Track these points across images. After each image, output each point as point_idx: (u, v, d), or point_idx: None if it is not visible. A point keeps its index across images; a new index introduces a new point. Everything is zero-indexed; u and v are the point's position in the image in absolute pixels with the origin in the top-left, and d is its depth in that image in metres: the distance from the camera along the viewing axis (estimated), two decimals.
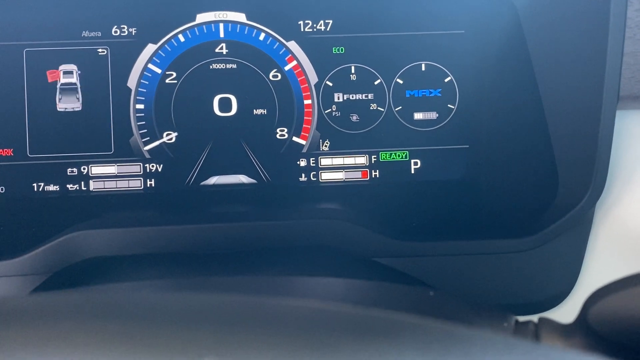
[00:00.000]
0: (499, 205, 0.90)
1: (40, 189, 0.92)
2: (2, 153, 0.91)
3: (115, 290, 0.69)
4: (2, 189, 0.92)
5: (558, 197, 0.83)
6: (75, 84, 0.92)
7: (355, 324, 0.37)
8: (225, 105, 0.94)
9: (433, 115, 0.96)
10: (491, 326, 0.46)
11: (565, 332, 0.45)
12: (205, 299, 0.41)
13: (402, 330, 0.38)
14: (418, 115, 0.96)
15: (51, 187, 0.92)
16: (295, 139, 0.95)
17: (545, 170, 0.86)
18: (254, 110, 0.95)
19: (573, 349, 0.41)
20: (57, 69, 0.92)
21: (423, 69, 0.96)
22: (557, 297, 0.84)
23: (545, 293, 0.84)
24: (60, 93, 0.92)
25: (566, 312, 0.85)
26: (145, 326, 0.32)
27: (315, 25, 0.95)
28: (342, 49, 0.95)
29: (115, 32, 0.93)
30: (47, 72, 0.92)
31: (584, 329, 0.43)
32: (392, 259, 0.79)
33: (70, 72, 0.92)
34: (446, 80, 0.96)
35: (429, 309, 0.49)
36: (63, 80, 0.92)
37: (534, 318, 0.49)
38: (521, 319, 0.50)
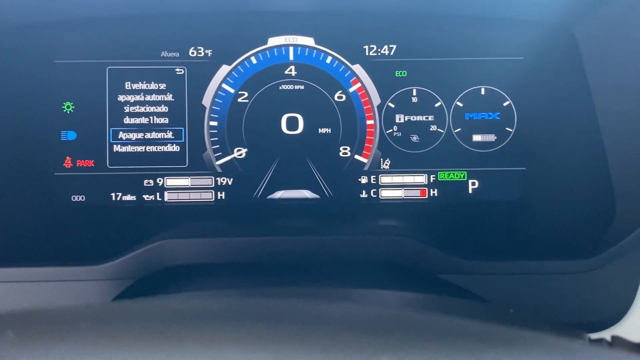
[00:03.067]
0: (556, 227, 0.92)
1: (118, 199, 0.98)
2: (84, 164, 0.98)
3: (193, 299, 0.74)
4: (82, 198, 0.98)
5: (615, 221, 0.86)
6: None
7: (438, 331, 0.41)
8: (292, 123, 0.99)
9: (491, 137, 1.00)
10: (567, 341, 0.49)
11: (638, 349, 0.48)
12: (275, 307, 0.45)
13: (485, 338, 0.42)
14: (477, 137, 1.00)
15: (128, 197, 0.98)
16: (357, 157, 1.00)
17: (603, 194, 0.89)
18: (319, 129, 1.00)
19: None
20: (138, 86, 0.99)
21: (482, 92, 1.00)
22: (612, 319, 0.86)
23: (600, 314, 0.86)
24: None
25: (621, 334, 0.87)
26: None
27: (379, 50, 1.00)
28: (404, 73, 1.00)
29: (192, 53, 0.99)
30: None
31: None
32: (454, 276, 0.82)
33: None
34: (505, 104, 1.00)
35: (505, 323, 0.53)
36: None
37: (607, 336, 0.52)
38: (593, 336, 0.53)
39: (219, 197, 0.99)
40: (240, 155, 0.99)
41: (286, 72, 1.00)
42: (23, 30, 0.94)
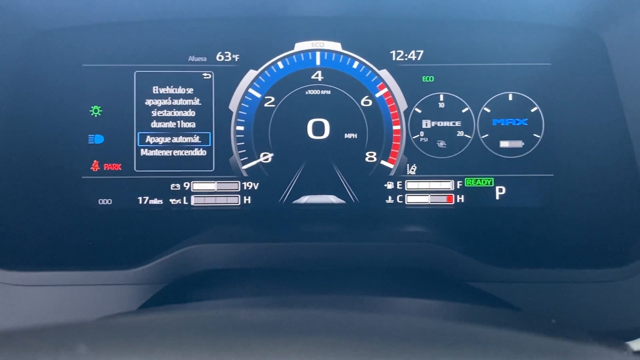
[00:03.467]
0: (585, 234, 0.91)
1: (145, 202, 0.98)
2: (111, 168, 0.98)
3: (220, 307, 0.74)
4: (109, 201, 0.98)
5: None
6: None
7: (473, 341, 0.41)
8: (318, 128, 0.99)
9: (519, 143, 0.99)
10: (611, 352, 0.49)
11: None
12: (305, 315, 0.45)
13: (526, 348, 0.41)
14: (504, 144, 0.99)
15: (155, 201, 0.98)
16: (383, 162, 1.00)
17: (632, 201, 0.88)
18: (345, 134, 0.99)
19: None
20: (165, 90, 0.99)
21: (510, 98, 0.99)
22: None
23: (631, 322, 0.85)
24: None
25: None
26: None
27: (406, 55, 0.99)
28: (431, 78, 0.99)
29: (220, 57, 0.99)
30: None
31: None
32: (482, 284, 0.82)
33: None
34: (532, 110, 0.99)
35: (548, 333, 0.52)
36: None
37: None
38: (635, 346, 0.53)
39: (245, 202, 0.99)
40: (267, 160, 0.99)
41: (313, 77, 0.99)
42: (52, 34, 0.95)
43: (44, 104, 0.95)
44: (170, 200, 0.99)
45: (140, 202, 0.99)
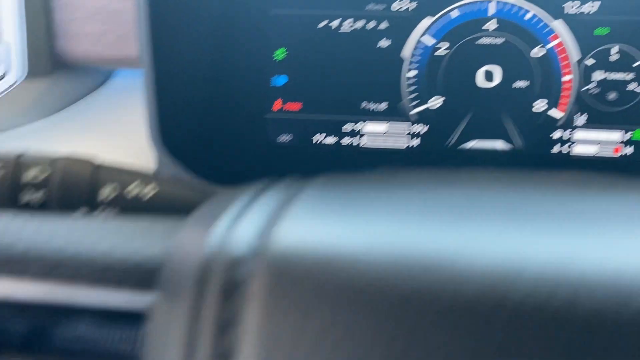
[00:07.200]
0: None
1: (318, 142, 1.06)
2: (292, 107, 1.06)
3: None
4: (288, 138, 1.07)
5: None
6: None
7: None
8: (488, 76, 1.02)
9: None
10: None
11: None
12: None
13: None
14: None
15: (329, 140, 1.06)
16: (551, 112, 1.02)
17: None
18: (515, 83, 1.02)
19: None
20: None
21: None
22: None
23: None
24: None
25: None
26: None
27: (582, 6, 1.00)
28: (606, 30, 1.00)
29: (395, 6, 1.04)
30: None
31: None
32: None
33: None
34: None
35: None
36: None
37: None
38: None
39: (412, 145, 1.05)
40: (436, 105, 1.04)
41: (485, 26, 1.02)
42: None
43: (234, 48, 1.04)
44: (342, 140, 1.06)
45: (314, 141, 1.06)
